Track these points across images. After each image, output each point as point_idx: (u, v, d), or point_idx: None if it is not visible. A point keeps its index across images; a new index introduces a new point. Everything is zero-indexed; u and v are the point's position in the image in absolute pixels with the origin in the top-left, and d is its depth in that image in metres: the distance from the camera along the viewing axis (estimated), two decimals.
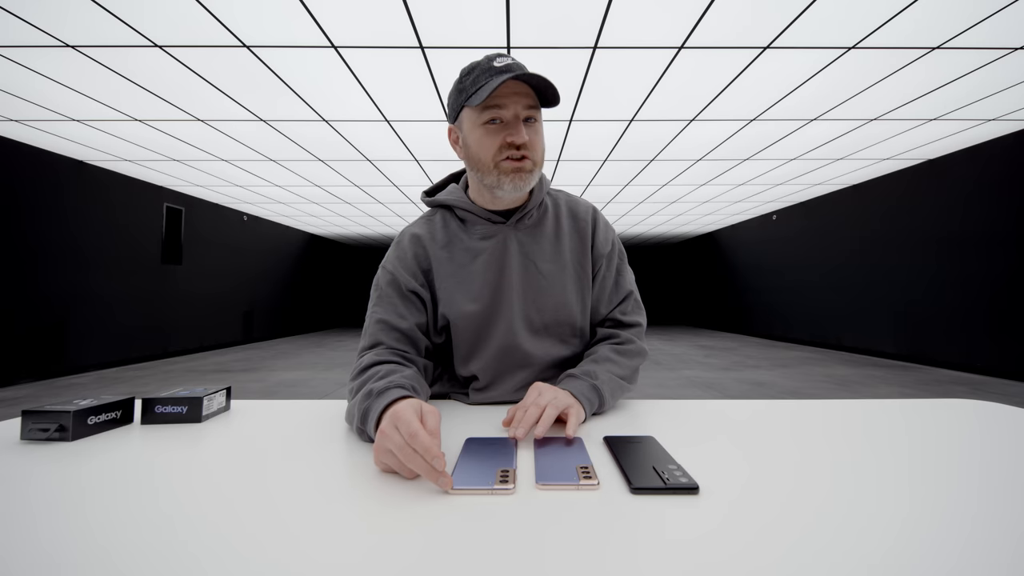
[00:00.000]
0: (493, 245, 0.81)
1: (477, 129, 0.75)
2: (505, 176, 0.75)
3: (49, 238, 4.83)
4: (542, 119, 0.77)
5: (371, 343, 0.77)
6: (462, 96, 0.75)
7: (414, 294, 0.80)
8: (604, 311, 0.87)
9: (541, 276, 0.82)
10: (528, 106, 0.73)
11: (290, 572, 0.32)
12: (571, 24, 2.66)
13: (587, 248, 0.86)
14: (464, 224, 0.84)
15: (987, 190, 4.72)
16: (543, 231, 0.84)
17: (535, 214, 0.85)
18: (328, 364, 5.91)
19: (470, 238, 0.82)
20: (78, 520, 0.39)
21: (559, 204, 0.88)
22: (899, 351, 5.78)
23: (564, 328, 0.83)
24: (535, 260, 0.82)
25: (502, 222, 0.82)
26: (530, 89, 0.73)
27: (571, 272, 0.84)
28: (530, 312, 0.81)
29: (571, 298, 0.83)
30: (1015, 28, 2.66)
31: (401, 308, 0.79)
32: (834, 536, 0.36)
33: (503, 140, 0.73)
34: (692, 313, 12.50)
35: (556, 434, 0.62)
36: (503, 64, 0.72)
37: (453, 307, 0.80)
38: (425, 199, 0.88)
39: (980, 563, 0.32)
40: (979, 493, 0.44)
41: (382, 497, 0.45)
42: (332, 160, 5.16)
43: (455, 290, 0.80)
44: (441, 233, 0.83)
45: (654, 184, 6.26)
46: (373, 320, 0.79)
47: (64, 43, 2.78)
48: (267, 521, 0.39)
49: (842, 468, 0.51)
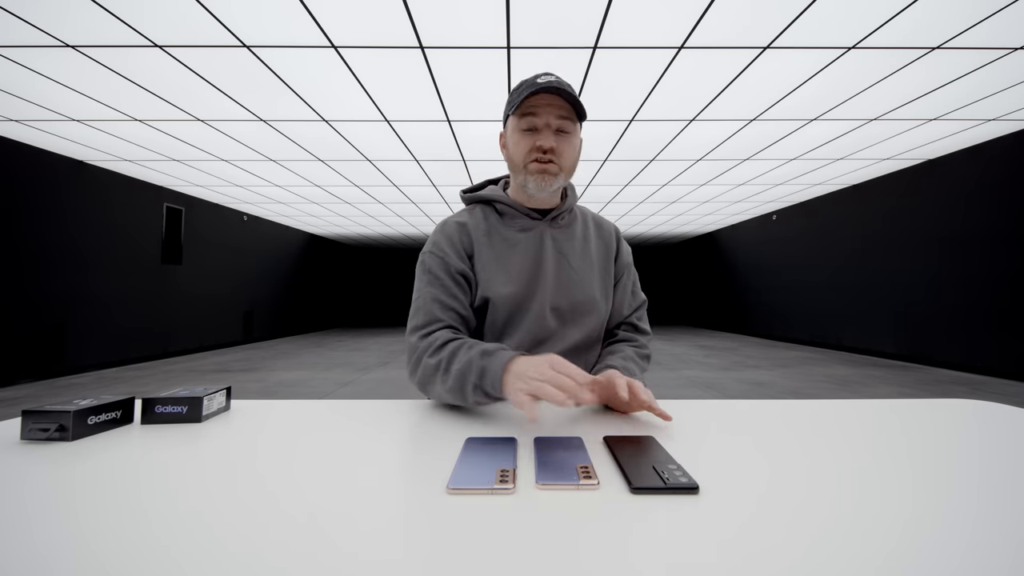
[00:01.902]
0: (530, 237, 0.90)
1: (515, 134, 0.86)
2: (531, 176, 0.85)
3: (49, 238, 4.83)
4: (578, 131, 0.86)
5: (429, 319, 0.83)
6: (509, 107, 0.86)
7: (462, 276, 0.87)
8: (626, 313, 0.99)
9: (572, 270, 0.90)
10: (560, 116, 0.82)
11: (290, 572, 0.32)
12: (571, 24, 2.66)
13: (611, 256, 0.97)
14: (503, 218, 0.93)
15: (987, 190, 4.72)
16: (574, 232, 0.94)
17: (567, 217, 0.95)
18: (328, 364, 5.91)
19: (509, 230, 0.91)
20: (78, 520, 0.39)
21: (587, 216, 1.00)
22: (899, 351, 5.78)
23: (588, 319, 0.90)
24: (567, 255, 0.91)
25: (539, 219, 0.92)
26: (565, 103, 0.81)
27: (597, 272, 0.93)
28: (559, 300, 0.88)
29: (597, 293, 0.91)
30: (1015, 28, 2.66)
31: (453, 288, 0.86)
32: (835, 536, 0.36)
33: (533, 144, 0.83)
34: (692, 313, 12.50)
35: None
36: (544, 81, 0.80)
37: (492, 288, 0.86)
38: (466, 195, 0.97)
39: (981, 564, 0.32)
40: (979, 493, 0.44)
41: (382, 497, 0.45)
42: (332, 160, 5.16)
43: (495, 273, 0.87)
44: (482, 223, 0.92)
45: (654, 184, 6.27)
46: (428, 298, 0.85)
47: (64, 43, 2.78)
48: (267, 521, 0.39)
49: (842, 468, 0.51)
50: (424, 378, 0.78)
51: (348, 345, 8.14)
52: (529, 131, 0.83)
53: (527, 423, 0.68)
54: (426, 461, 0.54)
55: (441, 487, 0.45)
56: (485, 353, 0.71)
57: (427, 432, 0.65)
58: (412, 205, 7.56)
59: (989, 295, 4.69)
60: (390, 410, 0.77)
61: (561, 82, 0.81)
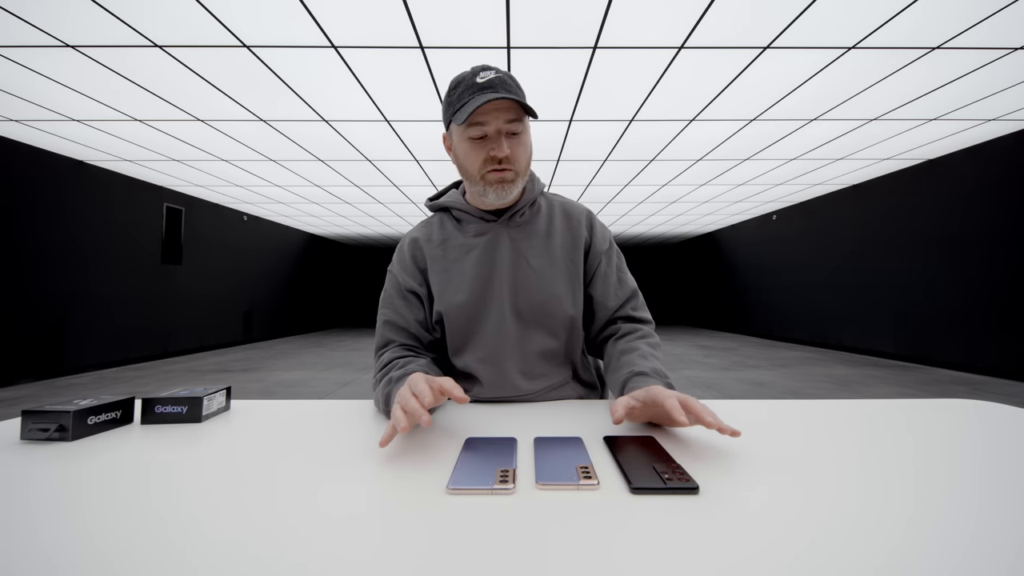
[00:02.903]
0: (485, 241, 0.87)
1: (464, 143, 0.80)
2: (490, 187, 0.80)
3: (49, 238, 4.83)
4: (528, 129, 0.81)
5: (383, 343, 0.87)
6: (449, 111, 0.80)
7: (412, 293, 0.88)
8: (613, 305, 0.90)
9: (531, 270, 0.86)
10: (509, 120, 0.77)
11: (290, 572, 0.32)
12: (571, 24, 2.66)
13: (579, 246, 0.89)
14: (459, 224, 0.90)
15: (987, 190, 4.72)
16: (534, 228, 0.89)
17: (527, 212, 0.90)
18: (328, 364, 5.91)
19: (464, 236, 0.88)
20: (78, 520, 0.39)
21: (553, 205, 0.93)
22: (899, 351, 5.78)
23: (554, 320, 0.86)
24: (526, 255, 0.87)
25: (495, 220, 0.88)
26: (512, 103, 0.76)
27: (561, 267, 0.87)
28: (519, 304, 0.85)
29: (561, 290, 0.86)
30: (1015, 28, 2.66)
31: (402, 308, 0.88)
32: (835, 536, 0.36)
33: (487, 154, 0.78)
34: (692, 313, 12.50)
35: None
36: (485, 80, 0.76)
37: (444, 299, 0.86)
38: (428, 204, 0.95)
39: (982, 564, 0.32)
40: (980, 493, 0.44)
41: (382, 497, 0.45)
42: (332, 160, 5.16)
43: (446, 284, 0.86)
44: (438, 233, 0.90)
45: (654, 184, 6.26)
46: (381, 321, 0.89)
47: (64, 43, 2.78)
48: (267, 521, 0.39)
49: (842, 468, 0.51)
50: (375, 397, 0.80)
51: (348, 345, 8.14)
52: (479, 139, 0.78)
53: (527, 423, 0.68)
54: (426, 461, 0.54)
55: (441, 487, 0.45)
56: (391, 380, 0.74)
57: (427, 432, 0.65)
58: (412, 205, 7.56)
59: (989, 295, 4.69)
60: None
61: (504, 81, 0.76)
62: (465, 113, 0.74)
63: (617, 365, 0.80)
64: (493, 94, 0.73)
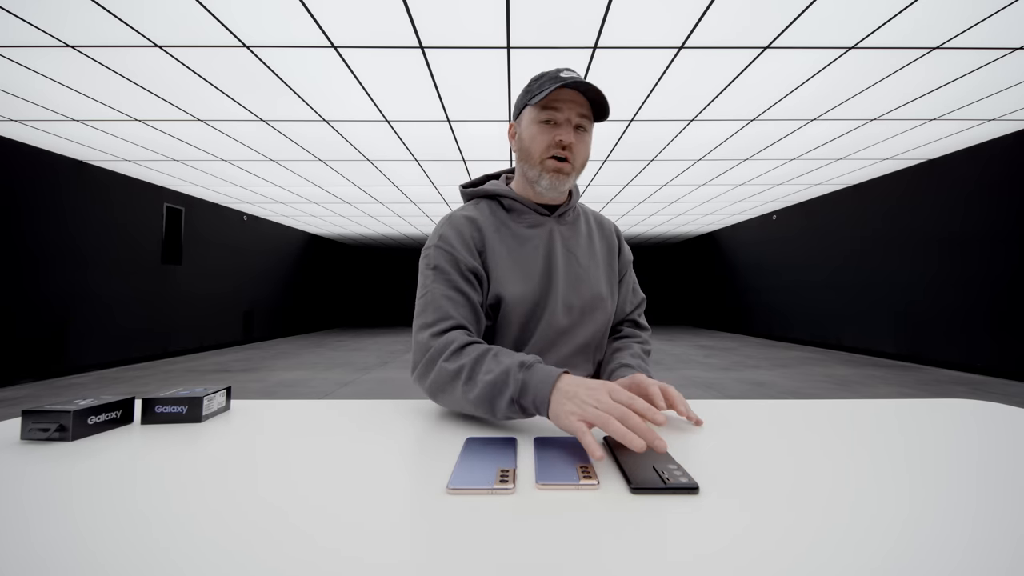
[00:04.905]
0: (541, 233, 0.88)
1: (533, 126, 0.82)
2: (547, 173, 0.83)
3: (49, 238, 4.83)
4: (592, 132, 0.86)
5: (440, 316, 0.76)
6: (527, 96, 0.84)
7: (473, 273, 0.81)
8: (628, 310, 1.01)
9: (580, 267, 0.89)
10: (580, 114, 0.81)
11: (290, 572, 0.32)
12: (571, 24, 2.66)
13: (614, 253, 0.97)
14: (510, 213, 0.90)
15: (987, 190, 4.72)
16: (579, 230, 0.94)
17: (572, 214, 0.94)
18: (328, 364, 5.91)
19: (518, 225, 0.88)
20: (78, 520, 0.39)
21: (588, 214, 1.00)
22: (899, 351, 5.78)
23: (596, 317, 0.90)
24: (575, 252, 0.90)
25: (547, 215, 0.90)
26: (587, 101, 0.81)
27: (603, 269, 0.93)
28: (571, 298, 0.87)
29: (604, 290, 0.91)
30: (1015, 28, 2.66)
31: (463, 285, 0.80)
32: (835, 536, 0.36)
33: (553, 139, 0.81)
34: (692, 313, 12.50)
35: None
36: (568, 76, 0.79)
37: (507, 286, 0.82)
38: (467, 189, 0.94)
39: (981, 564, 0.32)
40: (979, 493, 0.44)
41: (382, 497, 0.45)
42: (332, 160, 5.16)
43: (509, 271, 0.84)
44: (491, 219, 0.88)
45: (654, 184, 6.27)
46: (438, 294, 0.78)
47: (64, 43, 2.78)
48: (267, 521, 0.39)
49: (842, 468, 0.51)
50: (439, 383, 0.70)
51: (348, 345, 8.14)
52: (548, 124, 0.81)
53: (527, 423, 0.68)
54: (426, 461, 0.54)
55: (441, 487, 0.45)
56: (523, 365, 0.64)
57: (427, 432, 0.65)
58: (412, 205, 7.56)
59: (989, 295, 4.69)
60: (390, 410, 0.77)
61: (585, 82, 0.79)
62: (544, 93, 0.77)
63: (608, 359, 0.92)
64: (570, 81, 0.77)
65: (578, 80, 0.77)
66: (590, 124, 0.83)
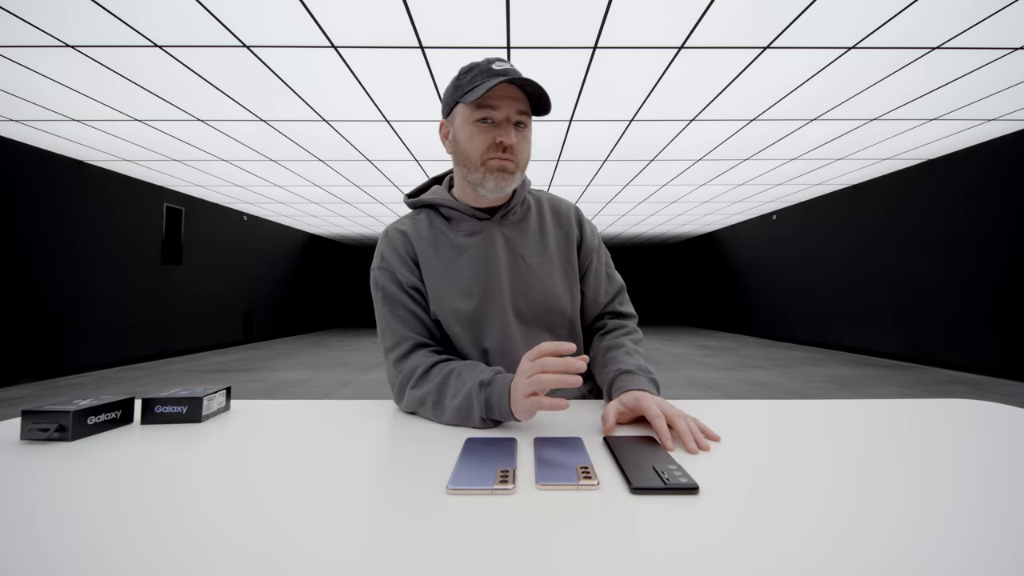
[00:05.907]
0: (479, 241, 0.82)
1: (469, 126, 0.76)
2: (490, 174, 0.77)
3: (49, 238, 4.83)
4: (531, 126, 0.80)
5: (397, 339, 0.79)
6: (458, 92, 0.77)
7: (415, 289, 0.81)
8: (604, 300, 0.91)
9: (529, 269, 0.83)
10: (519, 111, 0.76)
11: (290, 572, 0.32)
12: (571, 24, 2.66)
13: (572, 243, 0.89)
14: (449, 222, 0.85)
15: (987, 190, 4.72)
16: (527, 226, 0.86)
17: (518, 211, 0.87)
18: (328, 364, 5.91)
19: (456, 235, 0.83)
20: (78, 520, 0.39)
21: (541, 202, 0.91)
22: (899, 351, 5.78)
23: (553, 318, 0.85)
24: (522, 254, 0.84)
25: (487, 218, 0.84)
26: (524, 96, 0.76)
27: (558, 265, 0.86)
28: (519, 304, 0.82)
29: (559, 289, 0.85)
30: (1015, 28, 2.66)
31: (410, 304, 0.80)
32: (835, 537, 0.36)
33: (492, 140, 0.75)
34: (692, 313, 12.50)
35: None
36: (501, 68, 0.74)
37: (443, 305, 0.80)
38: (408, 200, 0.89)
39: (981, 564, 0.32)
40: (980, 493, 0.44)
41: (382, 497, 0.45)
42: (332, 160, 5.16)
43: (444, 287, 0.80)
44: (427, 231, 0.84)
45: (654, 184, 6.26)
46: (390, 317, 0.80)
47: (64, 43, 2.78)
48: (267, 521, 0.39)
49: (843, 468, 0.51)
50: (411, 407, 0.74)
51: (348, 345, 8.14)
52: (485, 123, 0.75)
53: (527, 424, 0.68)
54: (426, 461, 0.54)
55: (441, 487, 0.45)
56: (483, 384, 0.67)
57: (427, 432, 0.65)
58: None
59: (989, 295, 4.69)
60: (390, 410, 0.77)
61: (519, 74, 0.75)
62: (478, 93, 0.71)
63: (604, 362, 0.82)
64: (508, 77, 0.72)
65: (515, 77, 0.72)
66: (529, 119, 0.78)
